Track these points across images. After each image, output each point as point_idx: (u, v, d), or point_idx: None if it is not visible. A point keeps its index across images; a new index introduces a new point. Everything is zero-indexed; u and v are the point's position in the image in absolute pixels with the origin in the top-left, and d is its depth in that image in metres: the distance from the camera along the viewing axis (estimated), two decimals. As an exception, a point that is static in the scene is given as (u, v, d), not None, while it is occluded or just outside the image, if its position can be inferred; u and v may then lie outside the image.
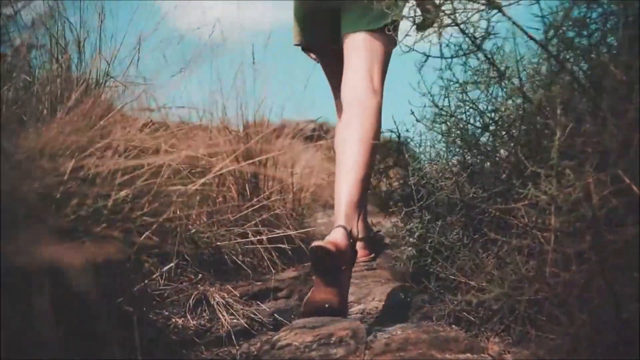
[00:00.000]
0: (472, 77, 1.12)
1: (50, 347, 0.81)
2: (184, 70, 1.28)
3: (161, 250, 1.42)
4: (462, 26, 0.94)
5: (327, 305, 1.24)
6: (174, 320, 1.22)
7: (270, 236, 1.86)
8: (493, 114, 1.08)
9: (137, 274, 1.21)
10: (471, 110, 1.11)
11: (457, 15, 0.94)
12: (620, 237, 0.78)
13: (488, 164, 1.28)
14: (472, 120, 1.16)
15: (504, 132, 1.05)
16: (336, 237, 1.27)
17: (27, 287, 0.74)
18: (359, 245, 2.06)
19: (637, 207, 0.76)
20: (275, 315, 1.44)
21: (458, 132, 1.21)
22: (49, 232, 0.77)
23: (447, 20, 0.95)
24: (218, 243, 1.66)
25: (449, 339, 1.17)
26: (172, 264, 1.29)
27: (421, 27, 1.95)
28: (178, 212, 1.64)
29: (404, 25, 1.84)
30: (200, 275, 1.52)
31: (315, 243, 1.23)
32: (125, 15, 1.63)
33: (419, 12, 1.78)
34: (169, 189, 0.90)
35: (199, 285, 1.45)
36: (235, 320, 1.32)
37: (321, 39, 1.93)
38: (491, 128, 1.12)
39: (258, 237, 1.81)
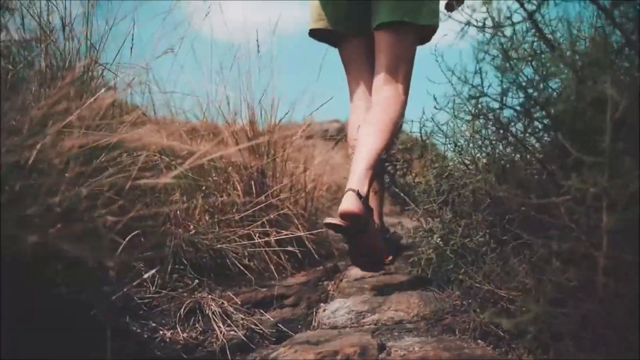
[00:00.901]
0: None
1: None
2: (170, 50, 1.16)
3: (156, 255, 1.30)
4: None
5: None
6: (161, 332, 1.08)
7: (277, 237, 1.72)
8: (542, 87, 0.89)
9: (120, 281, 1.08)
10: (514, 87, 0.92)
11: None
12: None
13: (518, 156, 1.10)
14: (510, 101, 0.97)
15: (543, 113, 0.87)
16: (346, 204, 1.38)
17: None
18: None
19: None
20: (279, 325, 1.29)
21: (490, 115, 1.03)
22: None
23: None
24: (220, 245, 1.53)
25: (474, 357, 1.01)
26: (154, 270, 1.16)
27: (450, 6, 1.82)
28: (178, 211, 1.52)
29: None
30: (197, 280, 1.38)
31: (326, 220, 1.36)
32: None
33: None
34: (139, 183, 0.76)
35: (195, 292, 1.32)
36: (232, 332, 1.18)
37: (344, 27, 1.82)
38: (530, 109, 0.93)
39: (265, 239, 1.67)
